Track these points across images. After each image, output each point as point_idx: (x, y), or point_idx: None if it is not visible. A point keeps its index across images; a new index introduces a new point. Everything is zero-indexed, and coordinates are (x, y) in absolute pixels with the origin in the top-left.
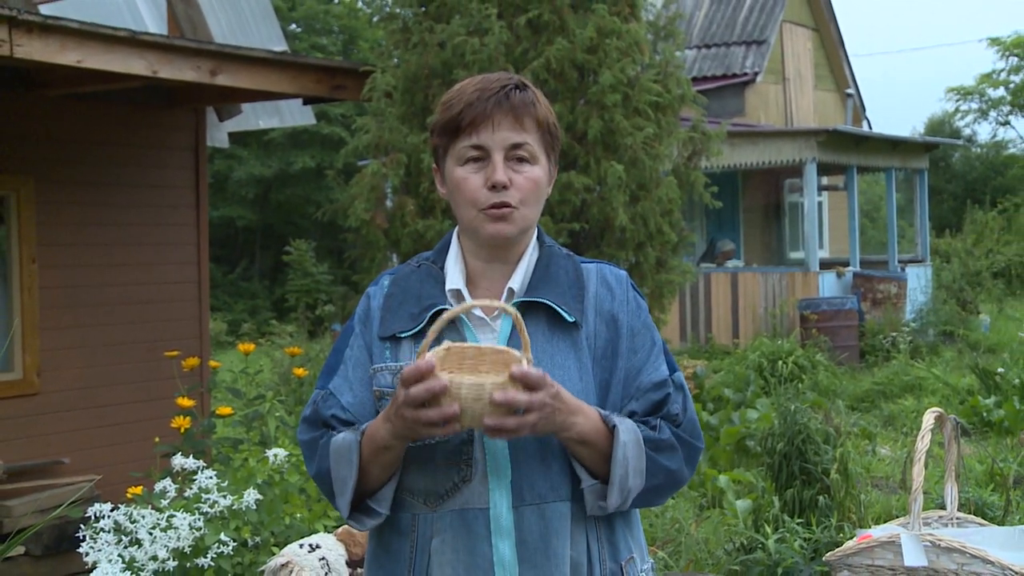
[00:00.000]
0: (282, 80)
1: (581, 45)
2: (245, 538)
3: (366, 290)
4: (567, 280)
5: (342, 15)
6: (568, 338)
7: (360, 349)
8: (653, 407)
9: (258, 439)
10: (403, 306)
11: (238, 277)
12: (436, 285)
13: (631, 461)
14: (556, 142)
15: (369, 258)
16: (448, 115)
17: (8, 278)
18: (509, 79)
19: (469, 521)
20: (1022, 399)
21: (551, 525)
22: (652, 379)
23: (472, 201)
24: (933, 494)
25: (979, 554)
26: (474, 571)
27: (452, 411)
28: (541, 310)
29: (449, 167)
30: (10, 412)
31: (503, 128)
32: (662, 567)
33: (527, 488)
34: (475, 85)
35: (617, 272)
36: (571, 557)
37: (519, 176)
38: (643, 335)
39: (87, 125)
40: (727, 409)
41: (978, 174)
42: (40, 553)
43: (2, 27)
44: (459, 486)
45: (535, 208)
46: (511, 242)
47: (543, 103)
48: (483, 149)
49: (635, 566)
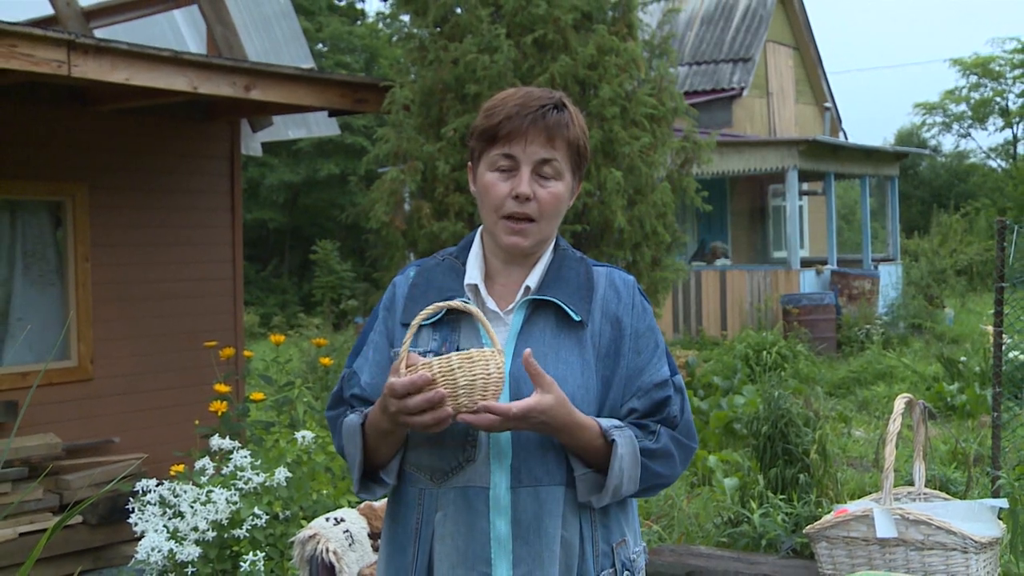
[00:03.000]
0: (309, 94)
1: (583, 62)
2: (276, 512)
3: (393, 279)
4: (577, 282)
5: (364, 35)
6: (574, 336)
7: (381, 334)
8: (654, 406)
9: (288, 422)
10: (425, 296)
11: (269, 274)
12: (456, 279)
13: (626, 471)
14: (583, 161)
15: (388, 257)
16: (488, 123)
17: (65, 275)
18: (550, 98)
19: (470, 498)
20: (982, 385)
21: (545, 506)
22: (654, 379)
23: (496, 206)
24: (902, 472)
25: (943, 525)
26: (472, 544)
27: (446, 414)
28: (551, 308)
29: (481, 170)
30: (67, 396)
31: (535, 144)
32: (657, 539)
33: (525, 471)
34: (517, 99)
35: (625, 277)
36: (564, 537)
37: (543, 191)
38: (647, 337)
39: (134, 137)
40: (716, 395)
41: (943, 181)
42: (96, 522)
43: (61, 49)
44: (463, 466)
45: (553, 222)
46: (527, 252)
47: (577, 124)
48: (513, 160)
49: (627, 548)
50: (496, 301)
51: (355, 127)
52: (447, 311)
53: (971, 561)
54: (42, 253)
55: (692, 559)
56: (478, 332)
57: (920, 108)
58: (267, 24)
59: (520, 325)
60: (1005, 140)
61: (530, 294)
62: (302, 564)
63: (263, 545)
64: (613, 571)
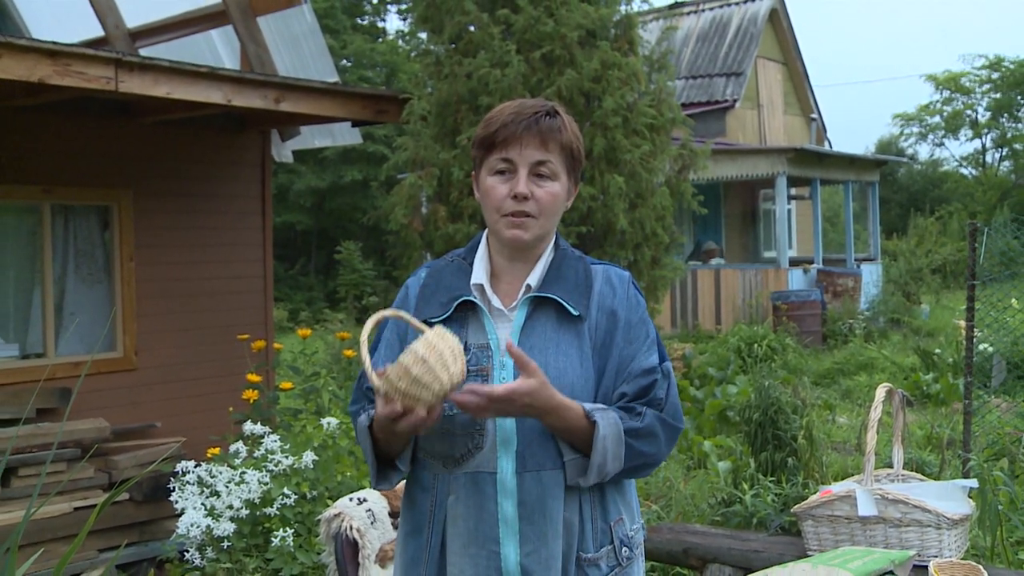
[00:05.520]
0: (335, 106)
1: (587, 76)
2: (304, 492)
3: (406, 282)
4: (576, 279)
5: (385, 52)
6: (573, 329)
7: (392, 332)
8: (641, 390)
9: (314, 409)
10: (435, 295)
11: (297, 272)
12: (464, 278)
13: (609, 451)
14: (578, 164)
15: (407, 256)
16: (486, 132)
17: (111, 273)
18: (543, 106)
19: (480, 483)
20: (955, 375)
21: (547, 489)
22: (643, 366)
23: (497, 207)
24: (882, 455)
25: (919, 504)
26: (482, 525)
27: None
28: (551, 304)
29: (482, 175)
30: (114, 384)
31: (530, 147)
32: (656, 518)
33: (529, 457)
34: (512, 109)
35: (620, 273)
36: (565, 517)
37: (540, 190)
38: (639, 328)
39: (174, 146)
40: (711, 385)
41: (919, 187)
42: (140, 499)
43: (110, 67)
44: (472, 452)
45: (552, 219)
46: (528, 246)
47: (570, 129)
48: (511, 163)
49: (624, 526)
50: (501, 299)
51: (376, 136)
52: (457, 307)
53: (944, 536)
54: (91, 253)
55: (688, 536)
56: (484, 328)
57: (899, 119)
58: (296, 42)
59: (523, 321)
60: (975, 149)
61: (531, 292)
62: (328, 540)
63: (292, 522)
64: (612, 547)
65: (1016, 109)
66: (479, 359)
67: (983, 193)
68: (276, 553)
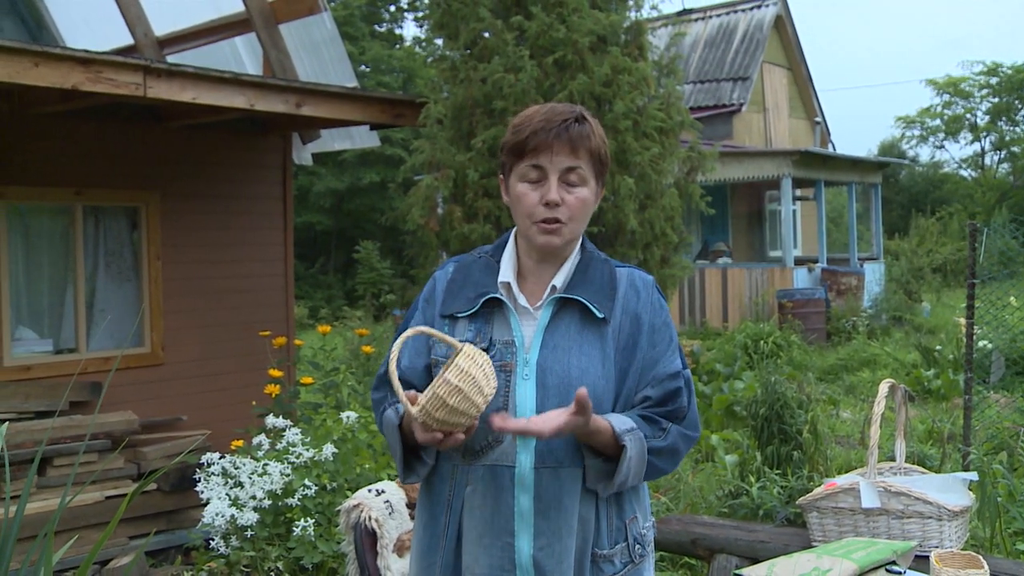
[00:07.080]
0: (353, 110)
1: (599, 80)
2: (324, 483)
3: (434, 274)
4: (601, 281)
5: (402, 57)
6: (597, 331)
7: (420, 323)
8: (666, 395)
9: (334, 403)
10: (463, 290)
11: (317, 271)
12: (491, 275)
13: (633, 469)
14: (604, 167)
15: (424, 256)
16: (516, 138)
17: (140, 272)
18: (572, 112)
19: (498, 475)
20: (955, 371)
21: (564, 485)
22: (667, 370)
23: (529, 214)
24: (885, 449)
25: (921, 496)
26: (498, 517)
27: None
28: (576, 306)
29: (513, 182)
30: (142, 379)
31: (560, 154)
32: (665, 510)
33: (548, 453)
34: (542, 115)
35: (645, 277)
36: (581, 514)
37: (570, 196)
38: (662, 332)
39: (199, 149)
40: (718, 380)
41: (920, 188)
42: (168, 489)
43: (138, 74)
44: (492, 445)
45: (581, 223)
46: (559, 249)
47: (597, 135)
48: (542, 170)
49: (637, 524)
50: (527, 298)
51: (394, 139)
52: (483, 303)
53: (944, 527)
54: (120, 252)
55: (696, 527)
56: (509, 325)
57: (900, 122)
58: (316, 48)
59: (548, 320)
60: (974, 152)
61: (557, 293)
62: (347, 530)
63: (313, 513)
64: (625, 544)
65: (1014, 113)
66: (503, 355)
67: (982, 194)
68: (297, 542)
